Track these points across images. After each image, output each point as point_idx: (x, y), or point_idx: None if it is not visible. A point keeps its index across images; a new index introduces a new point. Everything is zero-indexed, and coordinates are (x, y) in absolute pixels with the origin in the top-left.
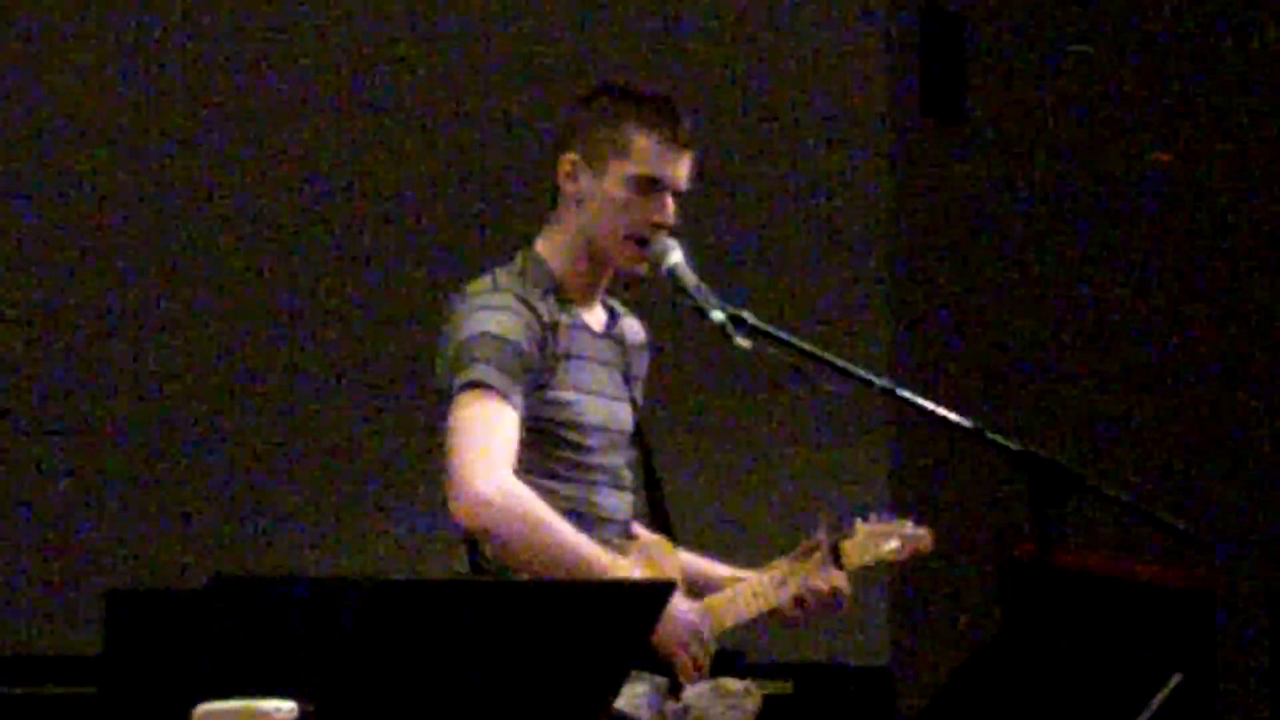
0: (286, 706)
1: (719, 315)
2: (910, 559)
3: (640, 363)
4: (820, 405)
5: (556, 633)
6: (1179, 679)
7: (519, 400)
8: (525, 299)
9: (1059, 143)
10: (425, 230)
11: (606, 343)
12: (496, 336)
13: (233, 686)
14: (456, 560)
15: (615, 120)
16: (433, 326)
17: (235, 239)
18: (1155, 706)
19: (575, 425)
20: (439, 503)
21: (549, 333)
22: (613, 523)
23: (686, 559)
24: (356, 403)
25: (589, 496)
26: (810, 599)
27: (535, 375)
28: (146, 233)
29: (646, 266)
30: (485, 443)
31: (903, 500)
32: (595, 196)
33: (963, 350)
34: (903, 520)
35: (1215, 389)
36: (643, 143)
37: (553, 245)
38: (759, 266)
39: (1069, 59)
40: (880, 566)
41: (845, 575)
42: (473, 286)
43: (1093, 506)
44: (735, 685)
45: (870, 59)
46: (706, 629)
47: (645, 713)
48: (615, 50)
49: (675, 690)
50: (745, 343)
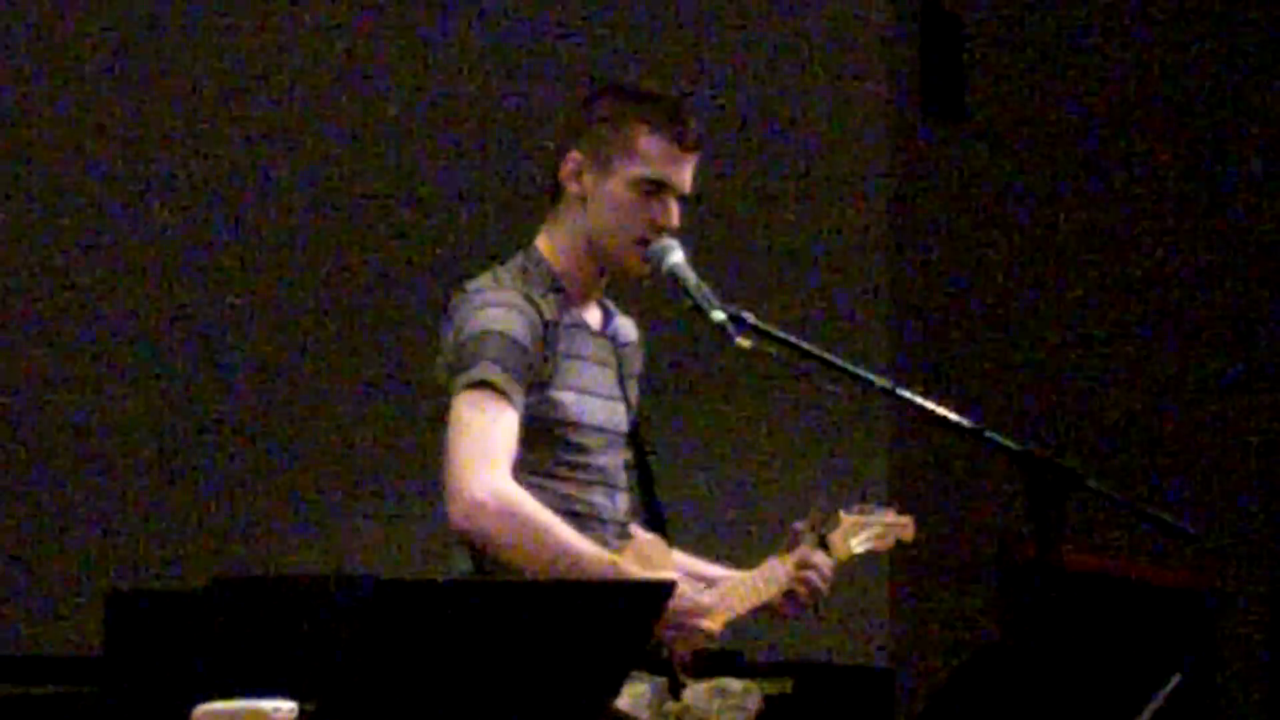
0: (286, 706)
1: (719, 315)
2: (894, 547)
3: (634, 362)
4: (820, 405)
5: (556, 633)
6: (1179, 679)
7: (520, 400)
8: (529, 296)
9: (1059, 142)
10: (425, 230)
11: (603, 342)
12: (501, 334)
13: (233, 686)
14: (459, 560)
15: (622, 121)
16: (432, 325)
17: (235, 239)
18: (1155, 706)
19: (574, 425)
20: (439, 503)
21: (550, 331)
22: (610, 523)
23: (680, 559)
24: (356, 402)
25: (586, 496)
26: (801, 590)
27: (536, 374)
28: (146, 233)
29: (647, 268)
30: (484, 445)
31: (903, 500)
32: (599, 196)
33: (963, 350)
34: (885, 509)
35: (1215, 389)
36: (649, 144)
37: (554, 244)
38: (759, 266)
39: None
40: (873, 563)
41: (833, 564)
42: (474, 284)
43: (1093, 506)
44: (735, 685)
45: (870, 59)
46: (694, 594)
47: (645, 713)
48: (615, 50)
49: (675, 690)
50: (745, 343)
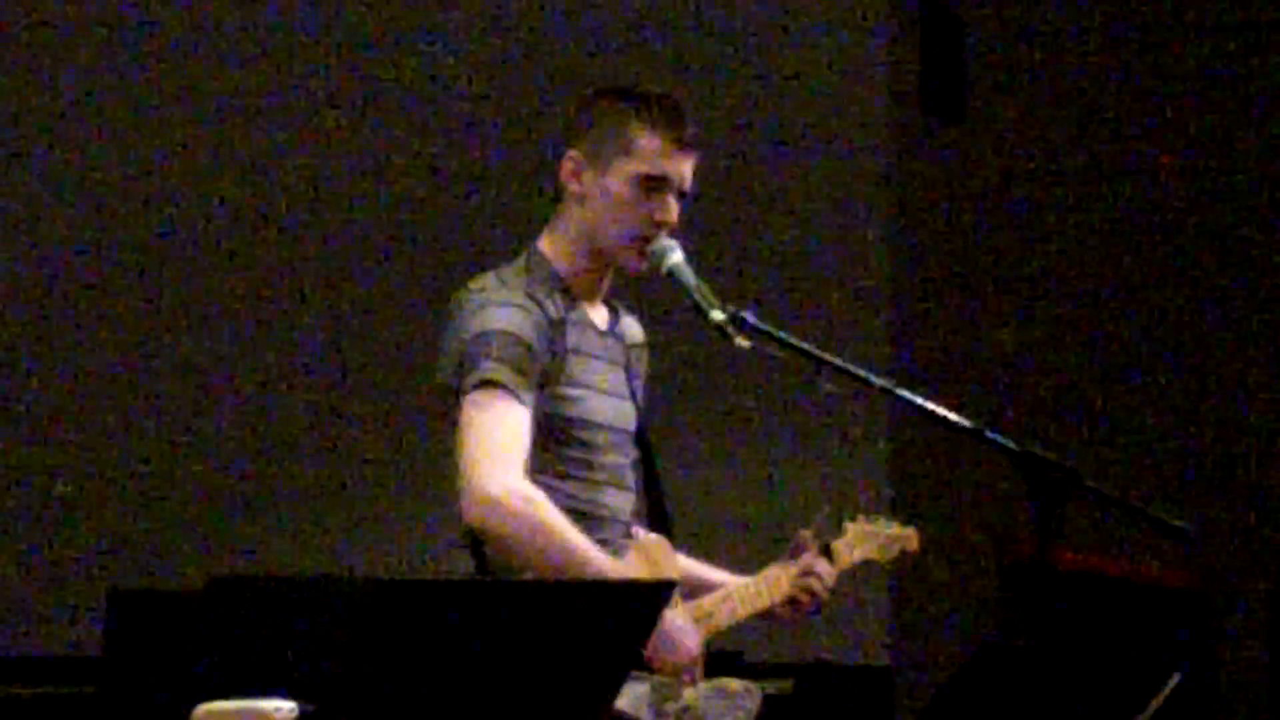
0: (286, 706)
1: (719, 315)
2: (898, 558)
3: (640, 362)
4: (820, 405)
5: (556, 633)
6: (1179, 679)
7: (529, 398)
8: (533, 295)
9: (1059, 142)
10: (425, 230)
11: (610, 341)
12: (507, 333)
13: (233, 686)
14: (461, 560)
15: (620, 119)
16: (434, 326)
17: (236, 239)
18: (1155, 706)
19: (583, 423)
20: (439, 503)
21: (556, 330)
22: (616, 522)
23: (683, 561)
24: (357, 403)
25: (594, 495)
26: (804, 597)
27: (543, 372)
28: (147, 233)
29: (646, 263)
30: (496, 443)
31: (903, 500)
32: (598, 195)
33: (963, 350)
34: (891, 520)
35: (1215, 389)
36: (647, 142)
37: (556, 243)
38: (759, 266)
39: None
40: (874, 566)
41: (835, 573)
42: (477, 284)
43: (1093, 506)
44: (735, 685)
45: (870, 59)
46: (695, 641)
47: (645, 713)
48: (616, 50)
49: (675, 690)
50: (745, 343)
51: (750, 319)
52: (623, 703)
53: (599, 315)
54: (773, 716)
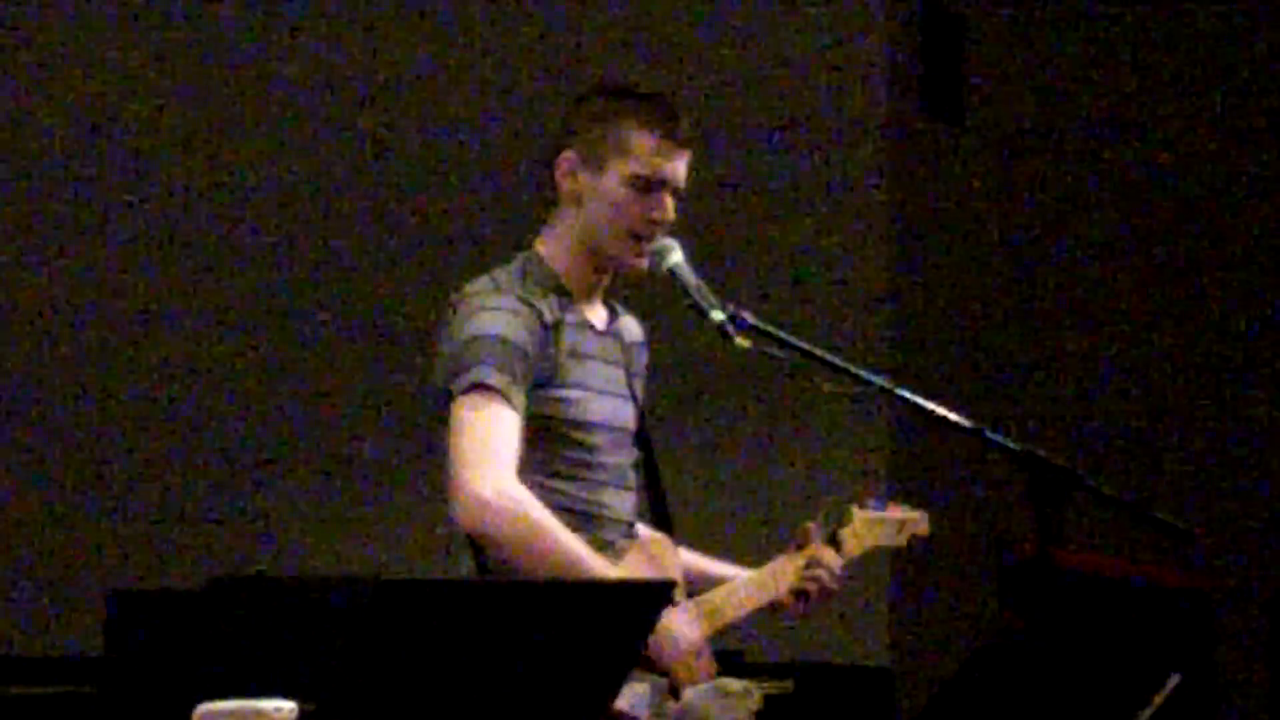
0: (286, 706)
1: (719, 315)
2: (908, 544)
3: (639, 361)
4: (820, 405)
5: (556, 633)
6: (1179, 679)
7: (520, 401)
8: (526, 299)
9: (1058, 143)
10: (424, 230)
11: (609, 341)
12: (498, 337)
13: (233, 686)
14: (460, 561)
15: (614, 119)
16: (432, 327)
17: (236, 240)
18: (1155, 706)
19: (581, 423)
20: (439, 503)
21: (552, 332)
22: (618, 522)
23: (686, 557)
24: (356, 404)
25: (595, 496)
26: (811, 588)
27: (538, 375)
28: (147, 234)
29: (645, 262)
30: (486, 445)
31: (903, 500)
32: (594, 195)
33: (963, 350)
34: (898, 505)
35: (1214, 389)
36: (642, 141)
37: (553, 245)
38: (759, 266)
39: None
40: (879, 555)
41: (841, 562)
42: (472, 287)
43: (1093, 506)
44: (735, 685)
45: (870, 59)
46: (699, 636)
47: (645, 713)
48: (615, 50)
49: (675, 690)
50: (745, 342)
51: (750, 319)
52: (623, 703)
53: (597, 315)
54: (773, 716)
